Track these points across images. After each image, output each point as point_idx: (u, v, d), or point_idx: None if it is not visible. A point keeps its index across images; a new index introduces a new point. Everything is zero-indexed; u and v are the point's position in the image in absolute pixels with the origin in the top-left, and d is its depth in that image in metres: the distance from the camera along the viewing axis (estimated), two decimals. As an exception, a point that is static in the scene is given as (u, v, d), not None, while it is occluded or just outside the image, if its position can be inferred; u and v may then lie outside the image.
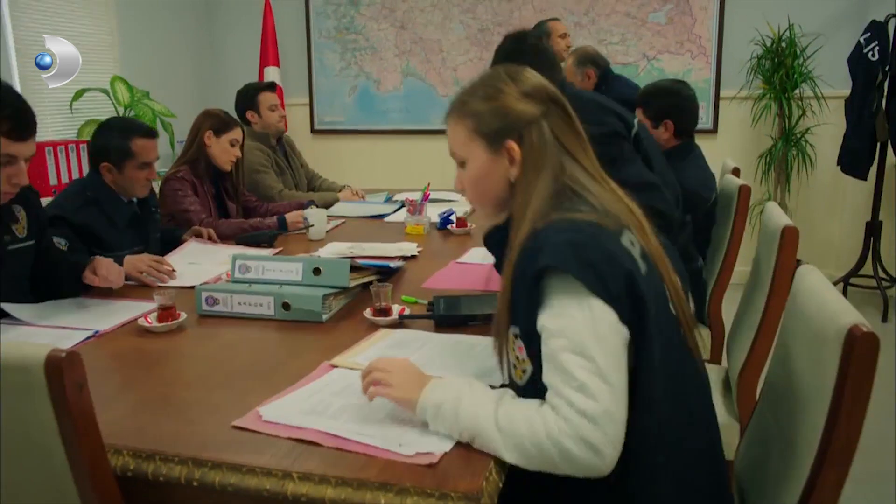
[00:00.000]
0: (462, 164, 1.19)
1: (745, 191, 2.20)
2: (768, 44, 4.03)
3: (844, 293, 4.13)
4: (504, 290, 1.08)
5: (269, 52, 4.71)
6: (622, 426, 0.96)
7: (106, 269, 1.84)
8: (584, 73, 3.46)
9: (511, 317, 1.08)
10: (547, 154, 1.11)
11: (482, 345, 1.39)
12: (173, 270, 2.00)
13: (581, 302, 0.98)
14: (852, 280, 4.04)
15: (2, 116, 1.48)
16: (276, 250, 2.32)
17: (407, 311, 1.59)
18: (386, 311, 1.57)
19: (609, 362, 0.96)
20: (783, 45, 3.98)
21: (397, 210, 3.00)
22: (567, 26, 4.48)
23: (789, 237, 1.56)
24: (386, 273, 1.91)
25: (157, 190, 2.71)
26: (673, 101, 2.45)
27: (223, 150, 2.67)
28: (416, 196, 3.24)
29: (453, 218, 2.59)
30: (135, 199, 2.24)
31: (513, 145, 1.12)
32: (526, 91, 1.14)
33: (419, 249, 2.24)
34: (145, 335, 1.54)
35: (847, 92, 3.89)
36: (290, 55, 4.85)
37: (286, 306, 1.59)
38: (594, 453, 0.93)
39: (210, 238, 2.42)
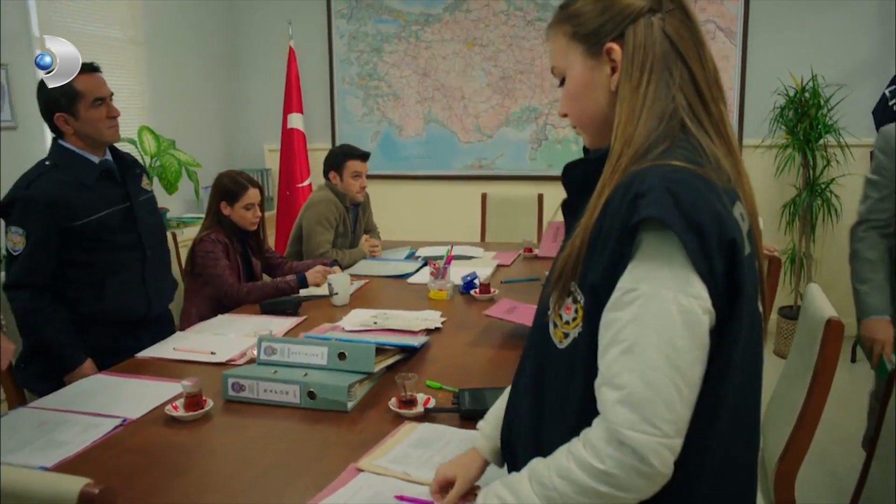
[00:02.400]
0: (563, 79, 1.04)
1: (774, 265, 2.18)
2: (791, 94, 4.02)
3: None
4: (580, 235, 0.92)
5: (293, 99, 4.78)
6: (684, 432, 0.85)
7: None
8: None
9: (580, 268, 0.92)
10: (656, 55, 0.93)
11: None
12: None
13: (675, 269, 0.83)
14: (880, 332, 3.97)
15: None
16: (301, 318, 2.33)
17: (432, 402, 1.58)
18: (411, 402, 1.57)
19: (691, 352, 0.84)
20: (807, 95, 3.96)
21: (420, 269, 3.01)
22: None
23: (834, 331, 1.52)
24: (410, 352, 1.91)
25: (178, 234, 2.74)
26: None
27: (240, 217, 2.71)
28: (438, 251, 3.26)
29: (477, 282, 2.59)
30: (109, 158, 2.16)
31: (612, 46, 0.96)
32: None
33: (443, 320, 2.25)
34: (172, 424, 1.55)
35: (872, 141, 3.85)
36: (313, 101, 4.91)
37: (312, 395, 1.60)
38: (642, 462, 0.82)
39: None
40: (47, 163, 2.07)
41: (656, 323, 0.83)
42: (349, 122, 4.92)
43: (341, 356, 1.70)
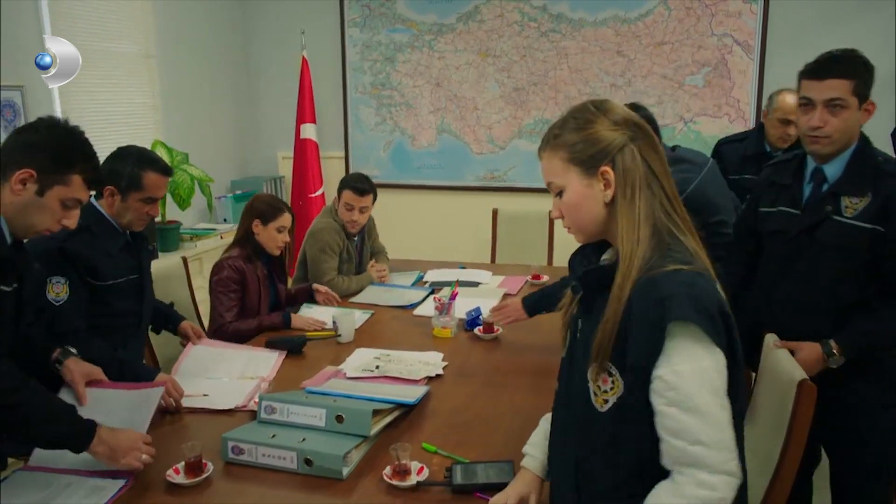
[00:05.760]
0: (559, 192, 1.28)
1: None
2: (808, 112, 3.95)
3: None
4: (610, 322, 1.17)
5: (305, 109, 4.79)
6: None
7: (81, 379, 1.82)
8: None
9: (613, 350, 1.17)
10: (640, 175, 1.21)
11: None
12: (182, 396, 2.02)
13: (703, 344, 1.13)
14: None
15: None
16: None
17: (426, 472, 1.61)
18: (405, 472, 1.59)
19: (725, 389, 1.14)
20: (824, 114, 3.89)
21: (427, 296, 3.03)
22: (603, 87, 4.47)
23: (807, 393, 1.57)
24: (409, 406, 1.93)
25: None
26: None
27: (270, 238, 2.76)
28: (446, 276, 3.29)
29: (481, 319, 2.60)
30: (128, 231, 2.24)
31: (607, 169, 1.22)
32: (615, 120, 1.23)
33: (444, 365, 2.26)
34: (174, 490, 1.59)
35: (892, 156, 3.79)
36: (326, 109, 4.93)
37: (308, 462, 1.63)
38: (738, 479, 1.14)
39: (197, 335, 2.49)
40: (80, 222, 2.06)
41: (703, 383, 1.12)
42: (362, 131, 4.93)
43: (339, 419, 1.72)
